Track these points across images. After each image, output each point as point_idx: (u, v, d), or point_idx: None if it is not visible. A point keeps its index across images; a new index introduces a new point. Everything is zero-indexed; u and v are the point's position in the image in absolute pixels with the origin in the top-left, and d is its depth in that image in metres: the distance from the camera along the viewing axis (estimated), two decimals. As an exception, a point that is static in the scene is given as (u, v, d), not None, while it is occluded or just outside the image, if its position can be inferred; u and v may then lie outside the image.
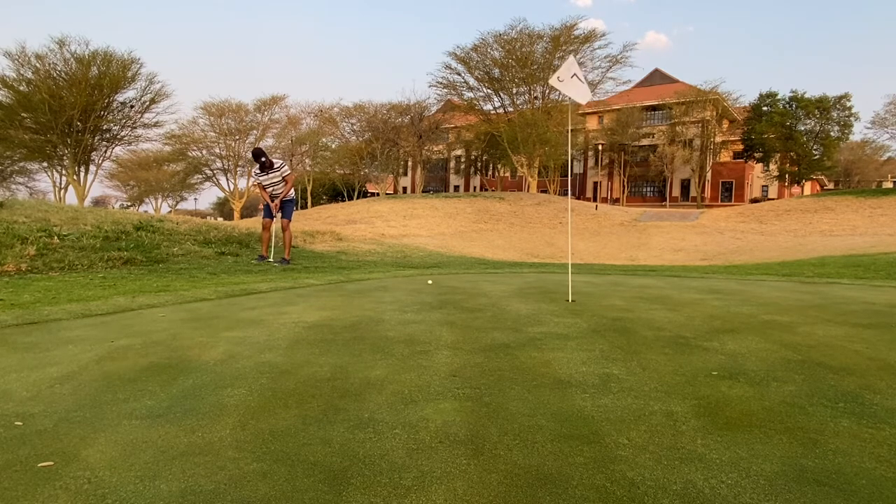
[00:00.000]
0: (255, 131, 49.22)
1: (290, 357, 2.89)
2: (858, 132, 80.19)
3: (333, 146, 52.62)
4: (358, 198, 50.87)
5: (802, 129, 44.40)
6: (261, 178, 8.23)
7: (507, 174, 59.21)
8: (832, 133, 44.61)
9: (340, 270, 8.15)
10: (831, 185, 63.43)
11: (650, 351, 3.08)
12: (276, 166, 8.05)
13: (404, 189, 63.04)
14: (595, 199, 48.95)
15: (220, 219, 50.80)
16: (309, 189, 53.68)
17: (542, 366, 2.76)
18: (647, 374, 2.63)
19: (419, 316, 4.05)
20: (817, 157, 44.56)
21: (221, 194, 65.47)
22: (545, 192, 49.29)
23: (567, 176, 57.01)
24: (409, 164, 55.17)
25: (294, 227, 16.48)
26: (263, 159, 7.94)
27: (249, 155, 51.28)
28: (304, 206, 51.34)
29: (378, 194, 47.05)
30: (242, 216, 49.37)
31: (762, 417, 2.12)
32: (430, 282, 5.64)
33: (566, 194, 55.72)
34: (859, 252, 13.37)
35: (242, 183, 47.91)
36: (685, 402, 2.27)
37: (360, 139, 47.92)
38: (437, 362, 2.80)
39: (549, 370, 2.69)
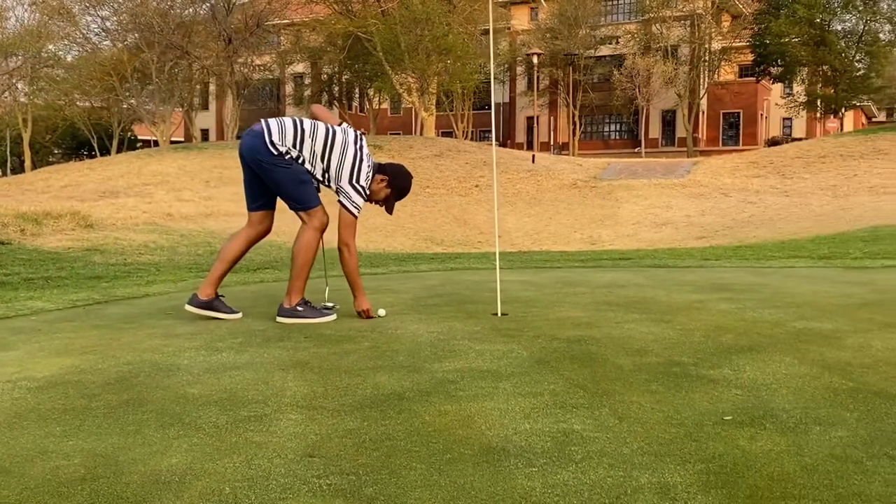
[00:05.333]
0: None
1: (8, 444, 2.72)
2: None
3: (70, 58, 49.75)
4: (121, 150, 48.79)
5: (840, 28, 48.02)
6: None
7: (386, 105, 59.39)
8: (882, 35, 48.46)
9: (93, 282, 7.85)
10: (882, 117, 69.68)
11: (629, 389, 3.19)
12: None
13: (205, 134, 61.31)
14: (531, 147, 50.51)
15: None
16: (26, 139, 50.59)
17: (459, 426, 2.78)
18: (625, 428, 2.70)
19: (243, 356, 3.98)
20: (861, 72, 48.34)
21: None
22: (449, 134, 50.12)
23: (486, 108, 58.43)
24: (213, 89, 53.64)
25: (7, 205, 15.15)
26: None
27: None
28: (19, 170, 48.47)
29: (157, 143, 45.33)
30: None
31: (803, 484, 2.20)
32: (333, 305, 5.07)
33: (485, 139, 57.13)
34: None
35: None
36: (687, 468, 2.32)
37: (120, 45, 45.83)
38: (280, 435, 2.74)
39: (472, 432, 2.70)
